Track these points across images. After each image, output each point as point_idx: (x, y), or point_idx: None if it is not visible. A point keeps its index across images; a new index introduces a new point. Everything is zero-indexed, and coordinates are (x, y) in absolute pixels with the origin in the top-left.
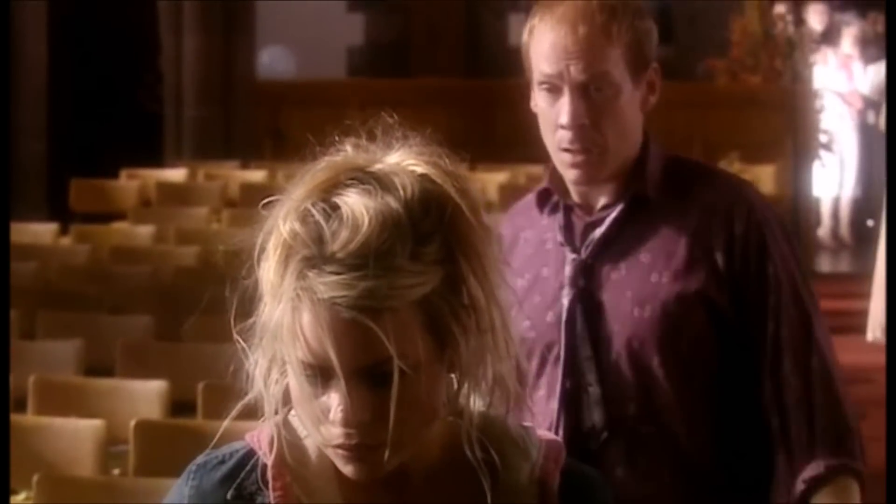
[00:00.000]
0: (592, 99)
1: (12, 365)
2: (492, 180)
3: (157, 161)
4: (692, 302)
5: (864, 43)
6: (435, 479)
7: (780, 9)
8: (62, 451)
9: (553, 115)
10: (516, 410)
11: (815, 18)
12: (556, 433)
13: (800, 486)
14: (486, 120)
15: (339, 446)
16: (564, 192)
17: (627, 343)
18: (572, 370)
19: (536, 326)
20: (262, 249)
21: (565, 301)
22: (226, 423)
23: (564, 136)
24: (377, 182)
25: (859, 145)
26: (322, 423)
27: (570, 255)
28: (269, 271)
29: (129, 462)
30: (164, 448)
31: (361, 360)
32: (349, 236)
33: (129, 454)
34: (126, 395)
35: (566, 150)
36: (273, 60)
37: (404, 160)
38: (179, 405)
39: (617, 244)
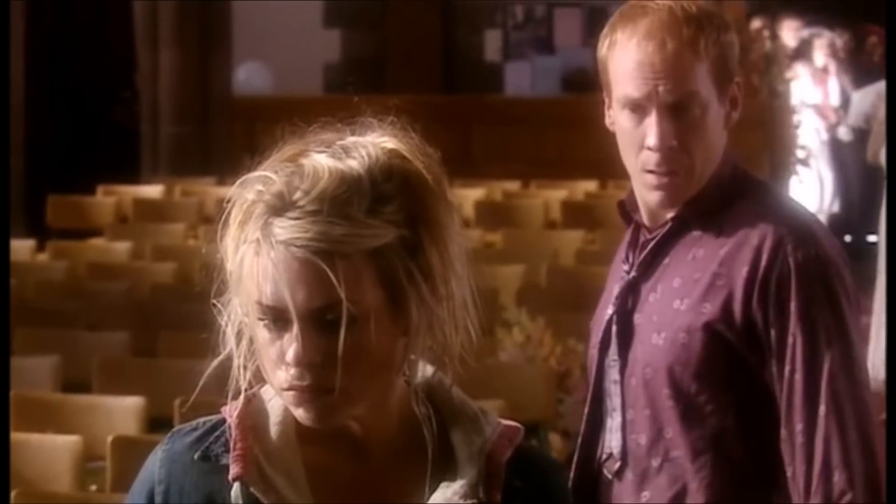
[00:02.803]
0: (681, 119)
1: None
2: (468, 196)
3: (134, 177)
4: (701, 334)
5: (837, 56)
6: (394, 451)
7: (756, 24)
8: (39, 467)
9: (637, 137)
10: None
11: (789, 34)
12: (577, 455)
13: None
14: (463, 136)
15: (291, 388)
16: (635, 207)
17: (643, 371)
18: (600, 393)
19: (596, 344)
20: (226, 221)
21: (605, 321)
22: (203, 380)
23: (650, 157)
24: (343, 150)
25: (834, 160)
26: (278, 367)
27: (623, 273)
28: (229, 235)
29: (107, 478)
30: (141, 464)
31: (313, 302)
32: (309, 186)
33: (107, 470)
34: (103, 411)
35: (651, 171)
36: (249, 76)
37: (377, 139)
38: (156, 421)
39: (659, 266)
